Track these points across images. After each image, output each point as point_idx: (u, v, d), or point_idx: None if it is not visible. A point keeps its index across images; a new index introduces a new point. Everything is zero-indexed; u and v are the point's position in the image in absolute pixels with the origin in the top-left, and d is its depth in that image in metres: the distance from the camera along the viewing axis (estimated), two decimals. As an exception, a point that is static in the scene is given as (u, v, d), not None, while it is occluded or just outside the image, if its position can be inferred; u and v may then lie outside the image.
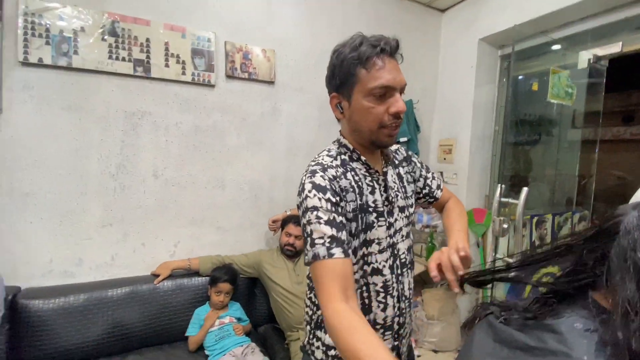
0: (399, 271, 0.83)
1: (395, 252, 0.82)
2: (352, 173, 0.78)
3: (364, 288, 0.79)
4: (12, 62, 1.46)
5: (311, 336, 0.85)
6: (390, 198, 0.82)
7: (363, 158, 0.80)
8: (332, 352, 0.80)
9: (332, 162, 0.78)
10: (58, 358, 1.41)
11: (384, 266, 0.80)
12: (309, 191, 0.70)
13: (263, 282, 1.83)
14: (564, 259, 0.45)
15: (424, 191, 0.97)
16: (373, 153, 0.83)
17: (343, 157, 0.80)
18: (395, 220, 0.82)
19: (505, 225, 1.68)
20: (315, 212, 0.68)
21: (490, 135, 2.35)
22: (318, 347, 0.83)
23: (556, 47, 2.02)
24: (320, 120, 2.14)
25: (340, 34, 0.82)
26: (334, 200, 0.70)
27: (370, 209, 0.78)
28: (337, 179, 0.74)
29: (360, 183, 0.78)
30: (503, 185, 1.72)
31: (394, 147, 0.93)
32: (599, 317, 0.39)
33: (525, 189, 1.59)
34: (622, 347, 0.33)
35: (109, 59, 1.60)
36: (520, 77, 2.17)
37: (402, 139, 2.27)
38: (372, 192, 0.79)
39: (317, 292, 0.64)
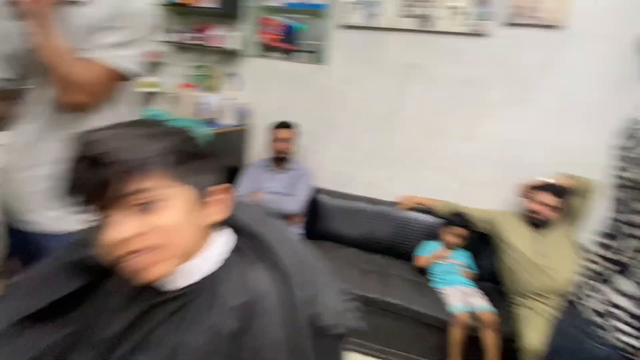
0: None
1: None
2: None
3: None
4: (337, 25, 2.03)
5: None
6: None
7: None
8: None
9: None
10: (334, 238, 2.05)
11: None
12: None
13: (496, 241, 1.81)
14: None
15: None
16: None
17: None
18: None
19: None
20: None
21: None
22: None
23: None
24: (614, 76, 1.68)
25: None
26: None
27: None
28: None
29: None
30: None
31: None
32: None
33: None
34: None
35: (399, 17, 1.90)
36: None
37: None
38: None
39: None
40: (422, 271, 1.85)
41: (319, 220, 2.08)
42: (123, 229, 0.36)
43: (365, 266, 1.83)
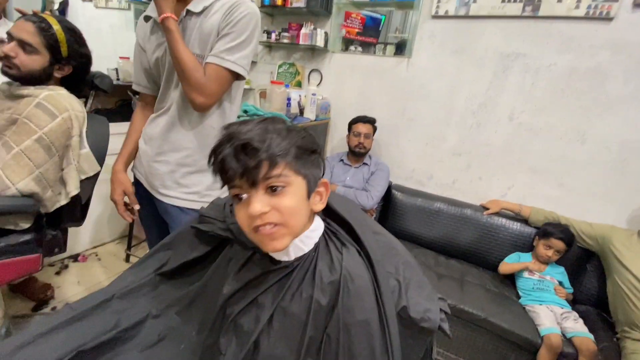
0: None
1: None
2: None
3: None
4: (426, 16, 1.92)
5: None
6: None
7: None
8: None
9: None
10: (407, 237, 2.00)
11: None
12: None
13: (606, 261, 1.55)
14: None
15: None
16: None
17: None
18: None
19: None
20: None
21: None
22: None
23: None
24: None
25: None
26: None
27: None
28: None
29: None
30: None
31: None
32: None
33: None
34: None
35: (502, 3, 1.71)
36: None
37: None
38: None
39: None
40: (507, 283, 1.70)
41: (391, 217, 2.05)
42: (259, 205, 0.45)
43: (441, 270, 1.75)
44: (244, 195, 0.47)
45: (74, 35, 1.02)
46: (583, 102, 1.65)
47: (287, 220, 0.47)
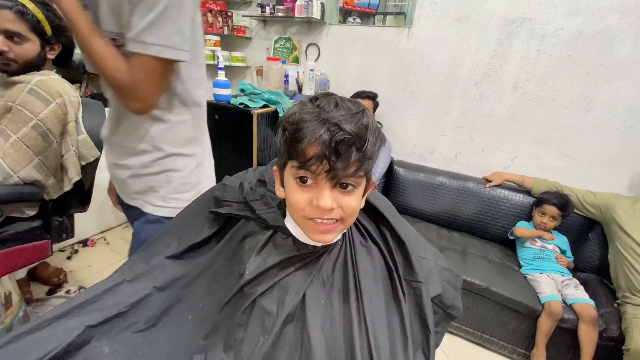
0: None
1: None
2: None
3: None
4: (427, -18, 1.83)
5: None
6: None
7: None
8: None
9: None
10: (410, 212, 2.01)
11: None
12: None
13: (608, 229, 1.56)
14: None
15: None
16: None
17: None
18: None
19: None
20: None
21: None
22: None
23: None
24: None
25: None
26: None
27: None
28: None
29: None
30: None
31: None
32: None
33: None
34: None
35: (506, -37, 1.62)
36: None
37: None
38: None
39: None
40: (509, 254, 1.72)
41: (393, 193, 2.05)
42: (330, 201, 0.43)
43: (443, 243, 1.77)
44: (310, 181, 0.44)
45: (50, 9, 0.97)
46: (590, 68, 1.60)
47: (347, 218, 0.46)
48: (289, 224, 0.52)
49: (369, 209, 0.58)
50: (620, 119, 1.60)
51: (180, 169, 0.79)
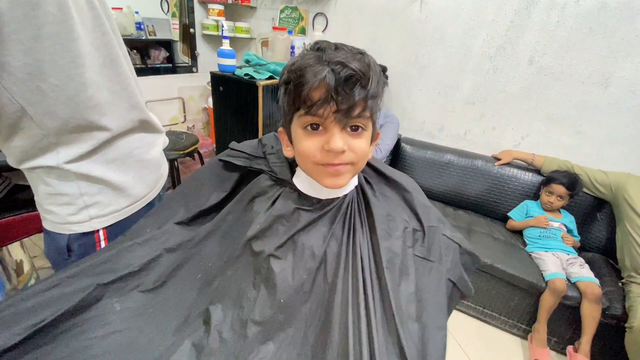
0: None
1: None
2: None
3: None
4: (443, -54, 1.72)
5: None
6: None
7: None
8: None
9: None
10: (416, 189, 1.99)
11: None
12: None
13: (617, 209, 1.54)
14: None
15: None
16: None
17: None
18: None
19: None
20: None
21: None
22: None
23: None
24: None
25: None
26: None
27: None
28: None
29: None
30: None
31: None
32: None
33: None
34: None
35: None
36: None
37: None
38: None
39: None
40: (515, 232, 1.72)
41: (399, 170, 2.02)
42: (341, 142, 0.42)
43: (449, 221, 1.75)
44: (320, 128, 0.43)
45: None
46: (610, 41, 1.52)
47: (358, 161, 0.46)
48: (296, 179, 0.53)
49: (396, 186, 0.59)
50: (639, 96, 1.54)
51: None
